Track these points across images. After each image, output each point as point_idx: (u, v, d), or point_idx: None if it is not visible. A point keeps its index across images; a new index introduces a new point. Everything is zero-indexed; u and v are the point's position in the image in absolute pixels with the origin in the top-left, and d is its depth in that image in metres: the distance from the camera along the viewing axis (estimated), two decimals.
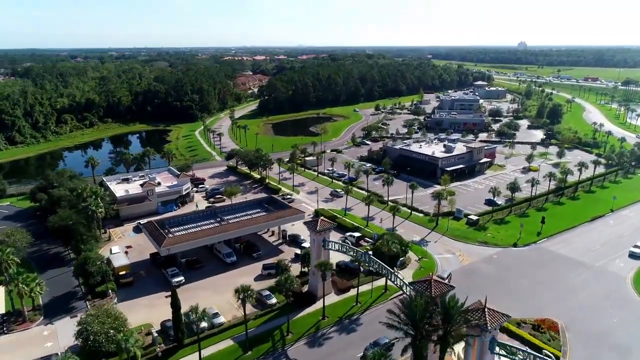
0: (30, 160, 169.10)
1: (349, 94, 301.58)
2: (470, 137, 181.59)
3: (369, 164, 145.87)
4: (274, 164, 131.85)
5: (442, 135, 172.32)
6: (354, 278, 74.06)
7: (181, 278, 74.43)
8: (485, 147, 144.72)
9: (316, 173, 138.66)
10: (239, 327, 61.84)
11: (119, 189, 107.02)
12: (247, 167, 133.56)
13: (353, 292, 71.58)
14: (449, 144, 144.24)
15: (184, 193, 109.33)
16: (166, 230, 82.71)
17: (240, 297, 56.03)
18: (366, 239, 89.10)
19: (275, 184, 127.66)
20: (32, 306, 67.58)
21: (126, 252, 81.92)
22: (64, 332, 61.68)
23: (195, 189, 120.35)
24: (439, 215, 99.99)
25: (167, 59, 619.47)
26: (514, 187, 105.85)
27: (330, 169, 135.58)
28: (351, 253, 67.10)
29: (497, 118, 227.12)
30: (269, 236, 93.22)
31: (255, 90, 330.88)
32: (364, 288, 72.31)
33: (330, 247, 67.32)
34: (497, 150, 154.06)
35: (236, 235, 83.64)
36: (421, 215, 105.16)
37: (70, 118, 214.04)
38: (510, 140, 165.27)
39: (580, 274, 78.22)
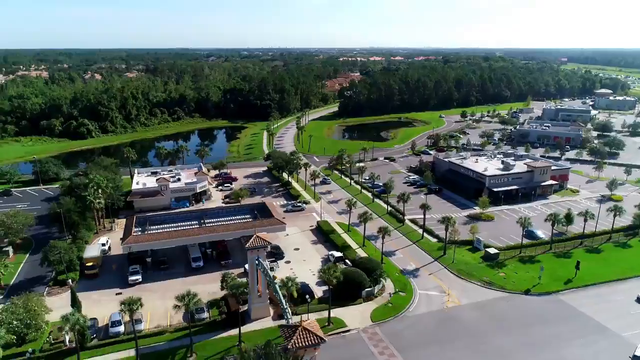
0: (120, 147, 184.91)
1: (441, 98, 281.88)
2: (557, 153, 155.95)
3: (414, 176, 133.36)
4: (311, 167, 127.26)
5: (510, 150, 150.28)
6: (306, 303, 66.35)
7: (138, 277, 74.07)
8: (553, 167, 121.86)
9: (349, 181, 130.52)
10: (149, 339, 59.07)
11: (142, 182, 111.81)
12: (277, 170, 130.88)
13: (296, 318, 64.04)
14: (508, 160, 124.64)
15: (198, 190, 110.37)
16: (143, 227, 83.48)
17: (181, 304, 54.03)
18: (346, 260, 79.94)
19: (299, 189, 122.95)
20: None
21: (104, 245, 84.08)
22: None
23: (220, 187, 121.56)
24: (446, 243, 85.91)
25: (284, 59, 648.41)
26: (556, 218, 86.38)
27: (366, 178, 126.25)
28: (267, 278, 59.78)
29: (604, 133, 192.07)
30: None
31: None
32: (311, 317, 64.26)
33: (260, 267, 60.90)
34: (581, 172, 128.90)
35: (206, 239, 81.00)
36: (434, 240, 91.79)
37: (161, 112, 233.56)
38: (600, 161, 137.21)
39: (593, 343, 60.14)
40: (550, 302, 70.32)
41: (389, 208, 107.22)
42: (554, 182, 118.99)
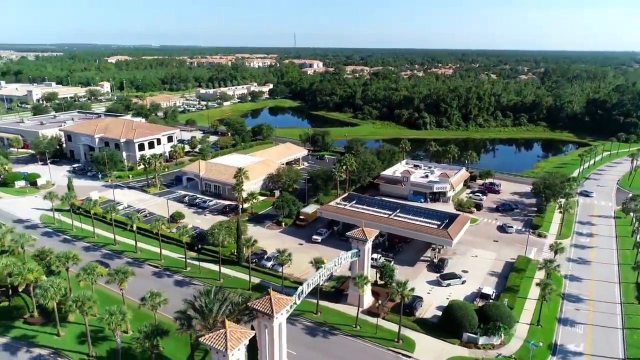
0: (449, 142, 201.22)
1: None
2: None
3: None
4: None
5: None
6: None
7: (318, 238, 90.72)
8: None
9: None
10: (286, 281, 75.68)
11: (400, 170, 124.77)
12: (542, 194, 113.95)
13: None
14: None
15: (435, 190, 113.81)
16: (348, 202, 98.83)
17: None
18: (490, 300, 69.09)
19: (553, 221, 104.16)
20: None
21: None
22: None
23: (472, 194, 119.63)
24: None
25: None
26: None
27: None
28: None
29: None
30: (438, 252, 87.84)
31: None
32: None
33: (357, 257, 65.48)
34: None
35: (381, 228, 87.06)
36: None
37: (504, 115, 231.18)
38: None
39: None
40: None
41: None
42: None
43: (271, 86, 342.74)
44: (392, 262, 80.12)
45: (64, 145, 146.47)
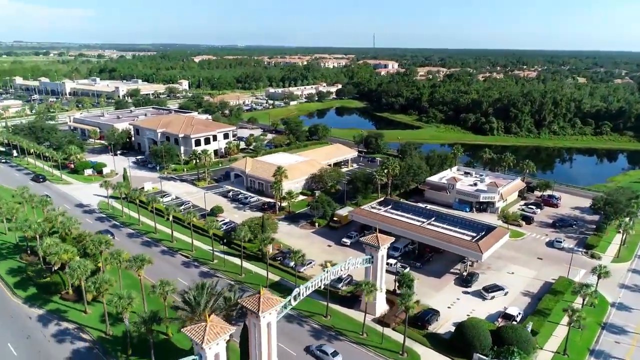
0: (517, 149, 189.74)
1: None
2: None
3: None
4: None
5: None
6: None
7: (347, 241, 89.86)
8: None
9: None
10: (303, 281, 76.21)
11: (447, 177, 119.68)
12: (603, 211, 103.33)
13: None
14: None
15: (481, 200, 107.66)
16: (384, 206, 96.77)
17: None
18: (514, 323, 64.13)
19: (612, 242, 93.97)
20: None
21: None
22: None
23: (525, 206, 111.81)
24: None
25: None
26: None
27: None
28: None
29: None
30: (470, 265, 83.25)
31: None
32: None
33: (369, 263, 64.12)
34: None
35: (410, 237, 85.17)
36: None
37: (584, 123, 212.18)
38: None
39: None
40: None
41: None
42: None
43: (340, 86, 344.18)
44: (408, 269, 77.63)
45: (133, 138, 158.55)
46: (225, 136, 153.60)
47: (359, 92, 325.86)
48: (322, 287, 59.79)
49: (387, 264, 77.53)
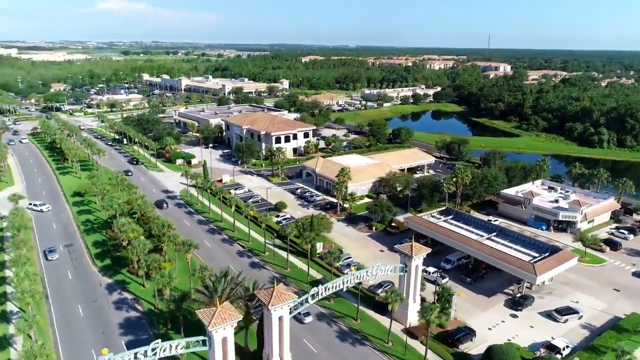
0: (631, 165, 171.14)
1: None
2: None
3: None
4: None
5: None
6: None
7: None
8: None
9: None
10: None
11: (527, 191, 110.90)
12: None
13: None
14: None
15: (560, 218, 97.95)
16: (444, 216, 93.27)
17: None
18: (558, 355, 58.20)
19: None
20: None
21: None
22: None
23: (612, 228, 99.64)
24: None
25: None
26: None
27: None
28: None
29: None
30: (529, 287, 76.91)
31: None
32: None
33: (400, 272, 62.98)
34: None
35: (467, 251, 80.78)
36: None
37: None
38: None
39: None
40: None
41: None
42: None
43: (439, 89, 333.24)
44: (447, 280, 74.98)
45: (224, 133, 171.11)
46: (306, 135, 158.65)
47: (459, 95, 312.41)
48: (345, 289, 60.29)
49: (426, 272, 75.69)
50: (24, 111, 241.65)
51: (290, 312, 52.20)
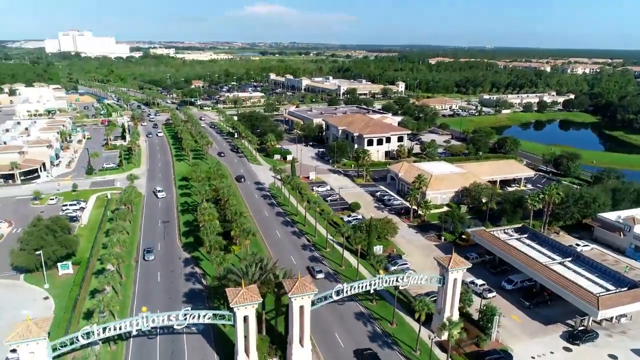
0: None
1: None
2: None
3: None
4: None
5: None
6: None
7: None
8: None
9: None
10: None
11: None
12: None
13: None
14: None
15: None
16: (516, 234, 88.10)
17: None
18: None
19: None
20: None
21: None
22: None
23: None
24: None
25: None
26: None
27: None
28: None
29: None
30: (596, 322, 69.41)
31: None
32: None
33: (439, 284, 62.50)
34: None
35: (532, 276, 75.22)
36: None
37: None
38: None
39: None
40: None
41: None
42: None
43: (571, 96, 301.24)
44: (494, 294, 70.57)
45: (324, 132, 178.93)
46: (400, 139, 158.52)
47: (595, 104, 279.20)
48: (372, 290, 61.76)
49: (473, 283, 73.23)
50: (166, 104, 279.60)
51: (313, 304, 56.06)
